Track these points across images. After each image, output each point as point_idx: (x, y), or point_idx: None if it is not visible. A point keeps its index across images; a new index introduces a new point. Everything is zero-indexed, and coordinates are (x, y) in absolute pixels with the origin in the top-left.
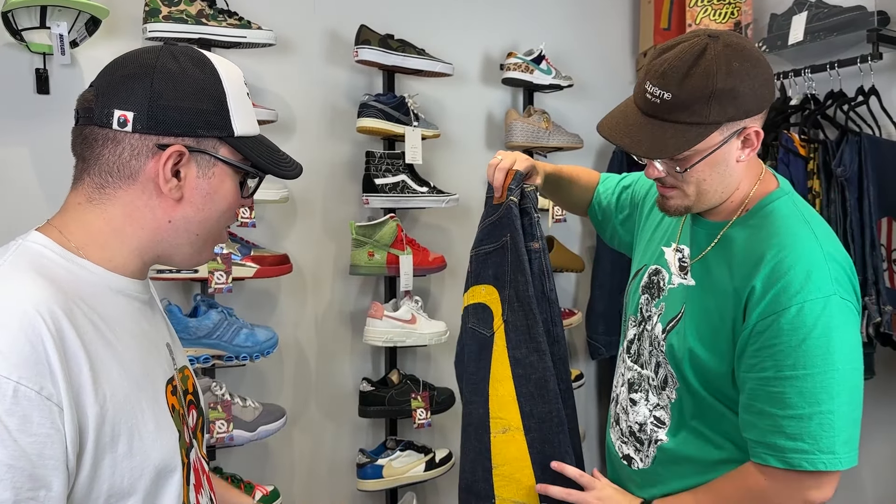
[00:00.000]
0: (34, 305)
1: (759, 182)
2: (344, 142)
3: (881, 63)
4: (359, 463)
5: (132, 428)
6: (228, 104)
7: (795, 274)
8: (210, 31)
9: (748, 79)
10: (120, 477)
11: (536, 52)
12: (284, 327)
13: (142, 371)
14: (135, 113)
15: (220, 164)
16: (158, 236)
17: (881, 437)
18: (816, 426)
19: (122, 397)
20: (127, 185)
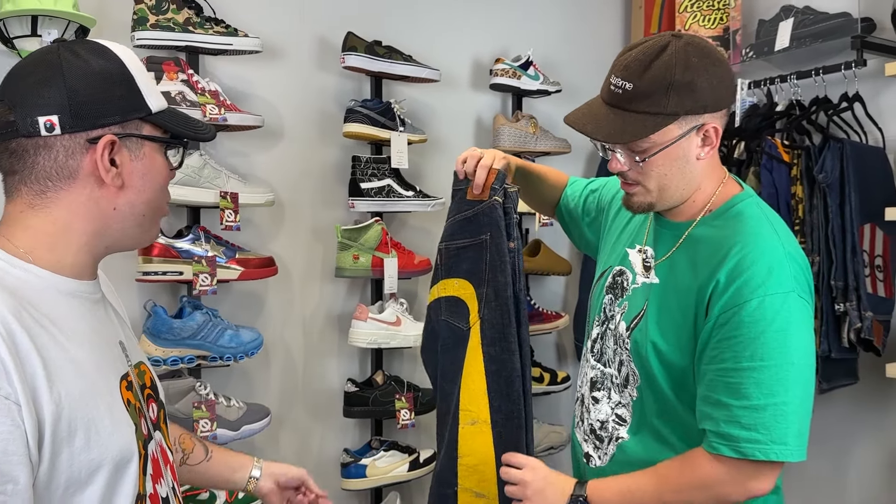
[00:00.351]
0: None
1: (722, 185)
2: (332, 146)
3: (866, 70)
4: (343, 462)
5: (88, 423)
6: (138, 85)
7: (758, 269)
8: (197, 38)
9: (706, 74)
10: (78, 469)
11: (524, 58)
12: (272, 328)
13: (95, 369)
14: (59, 115)
15: (147, 143)
16: (106, 226)
17: (866, 442)
18: (770, 417)
19: (77, 395)
20: (68, 185)
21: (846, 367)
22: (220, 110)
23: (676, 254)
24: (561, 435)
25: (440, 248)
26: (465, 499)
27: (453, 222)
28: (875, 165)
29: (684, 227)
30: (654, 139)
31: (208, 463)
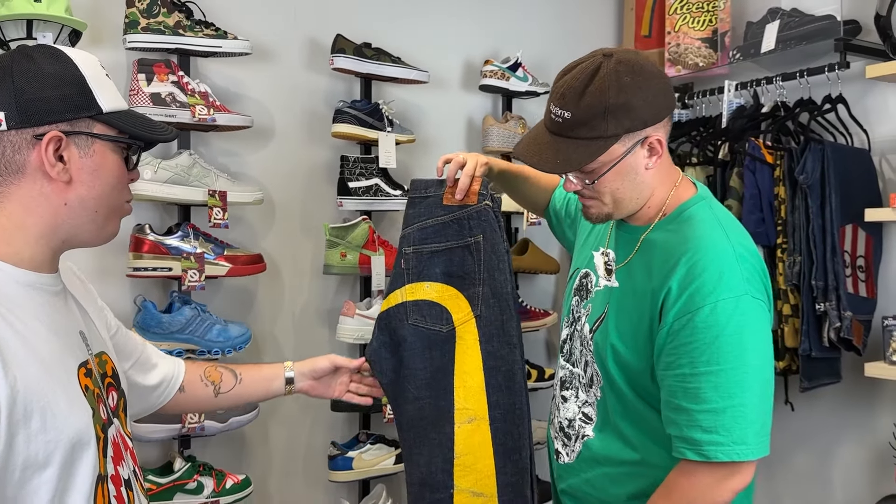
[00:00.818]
0: None
1: (675, 188)
2: (322, 146)
3: (851, 72)
4: (330, 455)
5: (44, 407)
6: (90, 85)
7: (709, 275)
8: (187, 41)
9: (640, 91)
10: (35, 451)
11: (513, 59)
12: (262, 324)
13: (51, 356)
14: (5, 112)
15: (97, 141)
16: (58, 220)
17: (849, 440)
18: (729, 419)
19: (33, 379)
20: (18, 180)
21: (828, 367)
22: (209, 111)
23: (634, 258)
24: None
25: (406, 253)
26: (463, 500)
27: (423, 227)
28: (858, 167)
29: (641, 231)
30: (601, 160)
31: (241, 386)
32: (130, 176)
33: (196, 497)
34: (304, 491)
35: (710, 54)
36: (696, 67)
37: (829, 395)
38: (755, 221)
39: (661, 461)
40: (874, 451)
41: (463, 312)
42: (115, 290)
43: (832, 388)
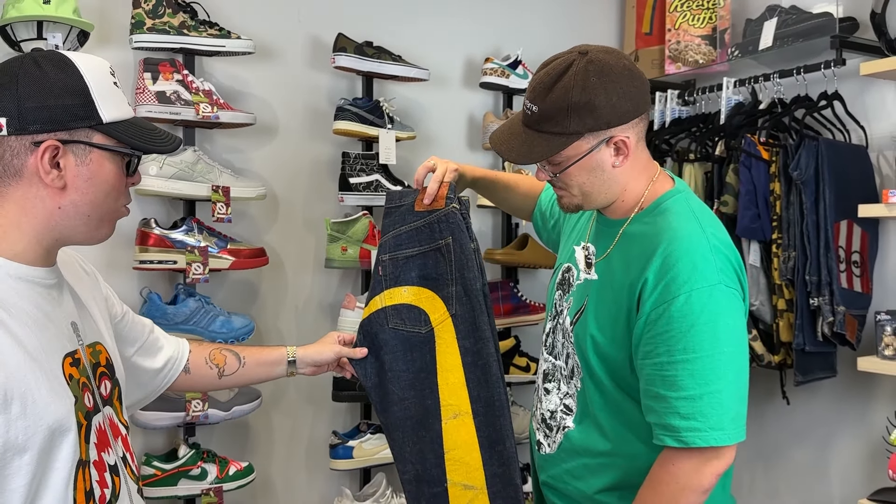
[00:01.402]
0: None
1: (652, 182)
2: (324, 143)
3: (848, 69)
4: (331, 444)
5: (24, 393)
6: (93, 96)
7: (683, 265)
8: (191, 40)
9: (604, 93)
10: (14, 435)
11: (513, 57)
12: (265, 316)
13: (36, 345)
14: (7, 118)
15: (95, 151)
16: (52, 222)
17: (845, 434)
18: (706, 405)
19: (14, 367)
20: (15, 183)
21: (823, 361)
22: (212, 108)
23: (613, 251)
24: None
25: (382, 261)
26: (456, 493)
27: (398, 234)
28: (853, 163)
29: (619, 224)
30: (565, 154)
31: (244, 369)
32: (131, 181)
33: (200, 483)
34: (306, 478)
35: (710, 51)
36: (696, 64)
37: (825, 389)
38: (751, 217)
39: (636, 451)
40: (869, 445)
41: (439, 312)
42: (121, 283)
43: (828, 382)
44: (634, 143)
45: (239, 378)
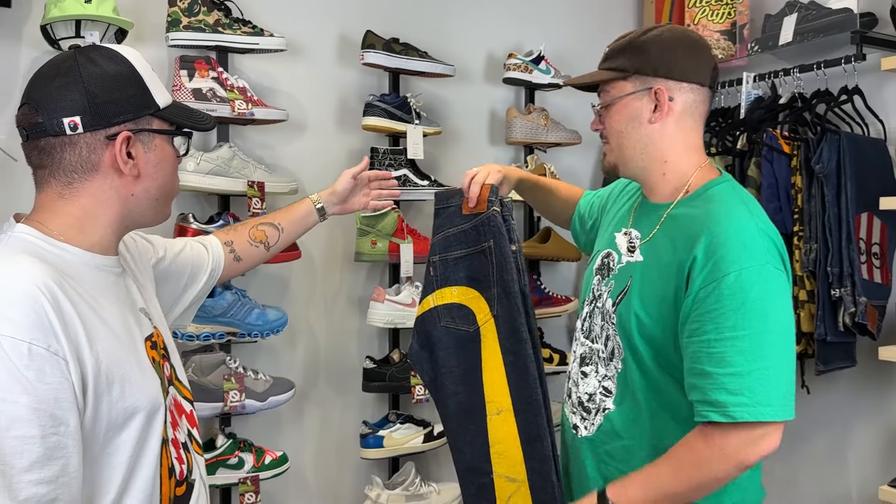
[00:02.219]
0: (33, 281)
1: (699, 169)
2: (352, 138)
3: (868, 63)
4: (362, 434)
5: (122, 377)
6: (147, 84)
7: (733, 244)
8: (226, 38)
9: (661, 43)
10: (115, 415)
11: (536, 52)
12: (296, 309)
13: (123, 331)
14: (81, 116)
15: (157, 136)
16: (126, 210)
17: (863, 423)
18: (755, 381)
19: (111, 352)
20: (91, 177)
21: (843, 351)
22: (247, 105)
23: (658, 234)
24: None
25: (433, 262)
26: (501, 484)
27: (446, 236)
28: (873, 157)
29: (664, 208)
30: (611, 93)
31: (285, 234)
32: (179, 161)
33: (237, 472)
34: (336, 468)
35: (729, 46)
36: (715, 59)
37: (845, 378)
38: (772, 210)
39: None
40: (887, 433)
41: (484, 313)
42: None
43: (847, 371)
44: (679, 110)
45: (283, 243)
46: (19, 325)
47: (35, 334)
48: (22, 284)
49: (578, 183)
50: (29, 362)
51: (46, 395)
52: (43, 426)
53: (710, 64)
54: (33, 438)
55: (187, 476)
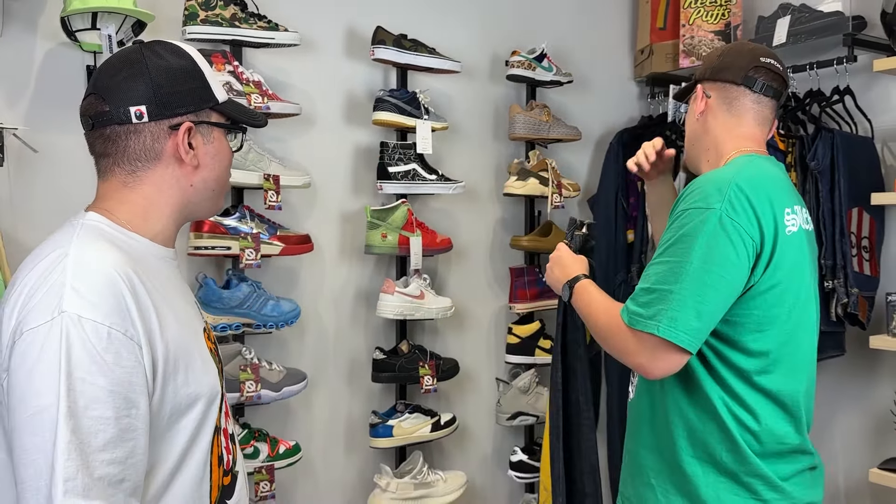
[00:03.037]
0: (113, 267)
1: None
2: (361, 132)
3: (857, 65)
4: (371, 423)
5: (187, 363)
6: (208, 79)
7: (695, 188)
8: (242, 32)
9: (713, 52)
10: (179, 400)
11: (539, 50)
12: (306, 301)
13: (186, 320)
14: (146, 105)
15: (215, 129)
16: (186, 199)
17: (851, 410)
18: (656, 299)
19: (178, 339)
20: (154, 165)
21: (834, 340)
22: (263, 99)
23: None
24: None
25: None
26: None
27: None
28: (863, 154)
29: None
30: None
31: None
32: (233, 155)
33: (253, 461)
34: (345, 457)
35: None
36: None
37: (834, 366)
38: None
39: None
40: (875, 419)
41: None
42: None
43: (837, 360)
44: (714, 105)
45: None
46: (101, 310)
47: (114, 319)
48: (103, 270)
49: (576, 177)
50: (108, 345)
51: (122, 378)
52: (117, 408)
53: (746, 66)
54: (108, 420)
55: (232, 467)
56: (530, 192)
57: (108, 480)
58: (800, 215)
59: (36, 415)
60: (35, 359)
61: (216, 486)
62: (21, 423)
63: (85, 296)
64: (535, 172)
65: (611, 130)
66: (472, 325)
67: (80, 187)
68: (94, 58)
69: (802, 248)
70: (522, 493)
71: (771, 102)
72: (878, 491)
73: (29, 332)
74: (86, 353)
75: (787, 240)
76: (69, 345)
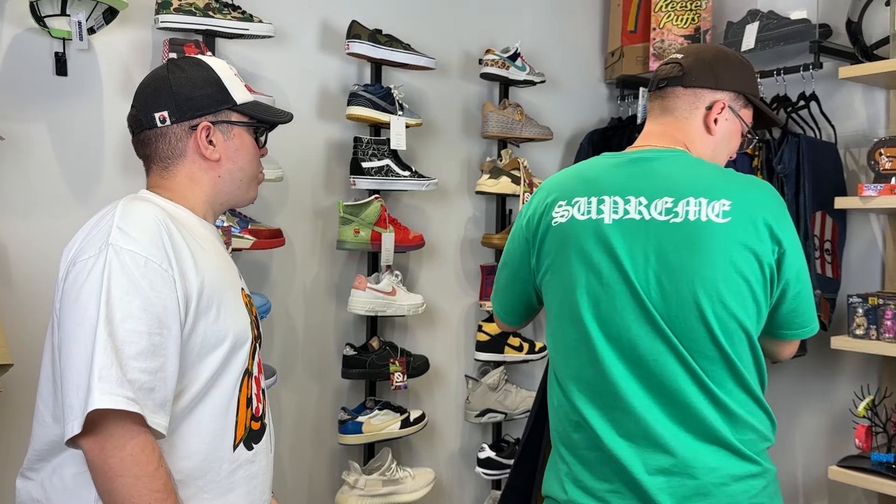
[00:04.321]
0: (153, 215)
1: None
2: (334, 127)
3: (822, 72)
4: (341, 419)
5: (219, 303)
6: (225, 85)
7: None
8: (215, 23)
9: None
10: (209, 336)
11: (512, 49)
12: (276, 296)
13: (226, 269)
14: (168, 111)
15: (235, 127)
16: (217, 188)
17: (811, 409)
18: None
19: (213, 280)
20: (181, 162)
21: None
22: None
23: None
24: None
25: None
26: None
27: None
28: (827, 159)
29: None
30: None
31: None
32: (261, 152)
33: None
34: (313, 453)
35: None
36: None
37: (792, 367)
38: None
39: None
40: (833, 418)
41: None
42: None
43: (798, 360)
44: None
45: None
46: (140, 243)
47: (152, 251)
48: (146, 216)
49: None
50: (144, 272)
51: (155, 301)
52: (150, 325)
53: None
54: (141, 333)
55: (262, 416)
56: (502, 190)
57: (139, 385)
58: (606, 204)
59: (80, 325)
60: (83, 281)
61: (242, 425)
62: (68, 333)
63: (128, 233)
64: (508, 171)
65: (581, 131)
66: (442, 322)
67: (48, 175)
68: (63, 44)
69: (575, 238)
70: (490, 489)
71: (654, 94)
72: (836, 488)
73: (81, 262)
74: (125, 276)
75: (553, 230)
76: (111, 269)
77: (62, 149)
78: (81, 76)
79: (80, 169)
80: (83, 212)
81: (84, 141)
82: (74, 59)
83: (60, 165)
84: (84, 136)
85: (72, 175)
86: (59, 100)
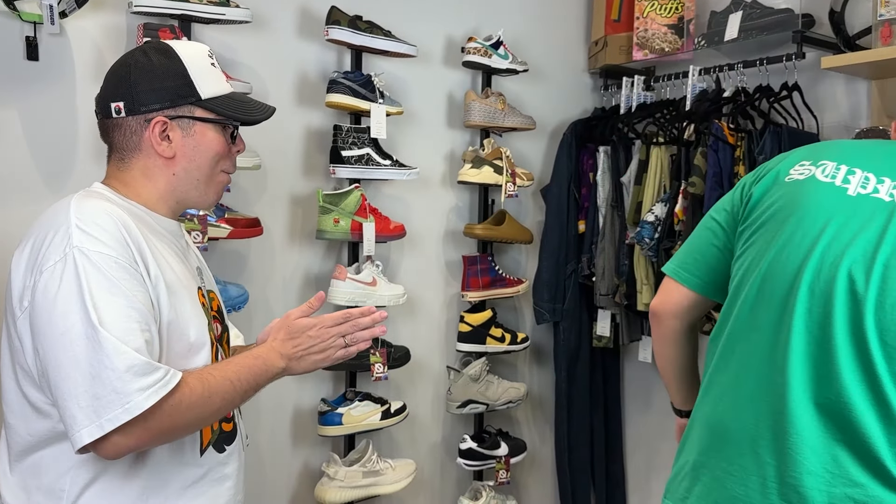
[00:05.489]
0: (109, 214)
1: None
2: (313, 115)
3: (805, 62)
4: (320, 411)
5: (177, 304)
6: (191, 77)
7: None
8: (191, 7)
9: None
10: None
11: (495, 37)
12: (254, 286)
13: (180, 269)
14: (124, 102)
15: (197, 123)
16: (171, 186)
17: None
18: None
19: (171, 280)
20: (136, 154)
21: None
22: None
23: None
24: (519, 391)
25: None
26: None
27: None
28: None
29: None
30: None
31: None
32: (236, 148)
33: None
34: (292, 445)
35: (676, 40)
36: (662, 52)
37: None
38: (717, 197)
39: None
40: None
41: None
42: None
43: None
44: None
45: None
46: (105, 243)
47: (118, 250)
48: (101, 213)
49: (530, 166)
50: (117, 271)
51: (134, 298)
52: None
53: None
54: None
55: (233, 416)
56: (484, 180)
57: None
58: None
59: (66, 333)
60: (56, 288)
61: (209, 429)
62: (52, 344)
63: (90, 233)
64: (490, 161)
65: (565, 121)
66: (423, 312)
67: (19, 162)
68: (34, 28)
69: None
70: (471, 480)
71: None
72: None
73: (47, 269)
74: (102, 277)
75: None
76: (86, 272)
77: (33, 135)
78: (53, 61)
79: (51, 156)
80: (55, 199)
81: (56, 127)
82: (46, 44)
83: (32, 152)
84: (56, 122)
85: (43, 162)
86: (30, 85)
